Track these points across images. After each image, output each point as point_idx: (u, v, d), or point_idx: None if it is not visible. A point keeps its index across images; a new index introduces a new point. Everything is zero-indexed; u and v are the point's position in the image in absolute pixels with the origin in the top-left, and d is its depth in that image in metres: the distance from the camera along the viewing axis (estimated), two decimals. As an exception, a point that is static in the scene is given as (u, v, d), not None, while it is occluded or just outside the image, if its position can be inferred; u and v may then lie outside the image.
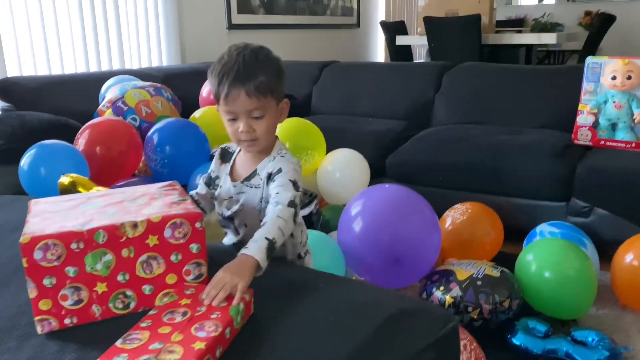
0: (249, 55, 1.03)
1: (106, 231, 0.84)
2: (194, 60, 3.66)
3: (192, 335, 0.75)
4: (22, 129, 2.06)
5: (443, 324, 0.92)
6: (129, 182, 2.01)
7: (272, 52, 1.10)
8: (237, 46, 1.06)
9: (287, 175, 1.05)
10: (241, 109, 1.03)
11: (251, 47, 1.06)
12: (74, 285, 0.84)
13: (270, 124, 1.07)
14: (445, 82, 3.04)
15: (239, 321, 0.82)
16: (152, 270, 0.89)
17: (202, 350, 0.71)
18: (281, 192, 1.02)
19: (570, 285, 1.65)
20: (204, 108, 2.46)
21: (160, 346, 0.73)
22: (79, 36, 2.99)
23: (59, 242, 0.82)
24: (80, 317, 0.86)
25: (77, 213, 0.92)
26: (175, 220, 0.88)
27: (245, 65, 1.01)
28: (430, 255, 1.77)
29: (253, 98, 1.02)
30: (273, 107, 1.07)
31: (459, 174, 2.38)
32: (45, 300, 0.83)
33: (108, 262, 0.85)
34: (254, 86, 1.01)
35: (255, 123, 1.04)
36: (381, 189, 1.88)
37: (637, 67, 2.26)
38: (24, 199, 1.53)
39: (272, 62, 1.07)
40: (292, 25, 4.54)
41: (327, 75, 3.43)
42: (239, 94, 1.01)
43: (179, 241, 0.89)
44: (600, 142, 2.34)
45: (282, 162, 1.07)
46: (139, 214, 0.89)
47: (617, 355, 1.48)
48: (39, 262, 0.81)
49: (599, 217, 2.14)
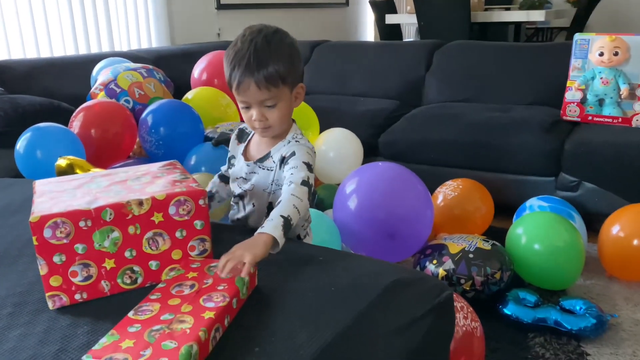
0: (260, 44, 1.01)
1: (113, 209, 0.86)
2: (184, 41, 3.64)
3: (201, 305, 0.78)
4: (15, 113, 2.06)
5: (439, 291, 0.96)
6: (125, 163, 2.02)
7: (287, 36, 1.07)
8: (251, 31, 1.04)
9: (300, 157, 1.06)
10: (252, 99, 1.03)
11: (264, 33, 1.03)
12: (83, 262, 0.87)
13: (284, 112, 1.06)
14: (436, 61, 3.06)
15: (244, 292, 0.85)
16: (158, 246, 0.91)
17: (212, 319, 0.75)
18: (295, 173, 1.03)
19: (558, 256, 1.71)
20: (196, 89, 2.46)
21: (172, 317, 0.76)
22: (67, 18, 2.96)
23: (68, 220, 0.84)
24: (90, 292, 0.89)
25: (82, 192, 0.94)
26: (180, 197, 0.90)
27: (256, 55, 1.00)
28: (424, 231, 1.82)
29: (263, 89, 1.01)
30: (286, 94, 1.06)
31: (450, 151, 2.42)
32: (56, 277, 0.86)
33: (115, 239, 0.88)
34: (264, 77, 1.00)
35: (267, 111, 1.05)
36: (374, 167, 1.91)
37: (624, 43, 2.30)
38: (21, 182, 1.55)
39: (285, 48, 1.04)
40: (282, 5, 4.51)
41: (318, 55, 3.43)
42: (249, 85, 1.01)
43: (183, 218, 0.91)
44: (588, 117, 2.38)
45: (296, 146, 1.08)
46: (143, 192, 0.91)
47: (604, 322, 1.54)
48: (48, 240, 0.83)
49: (586, 191, 2.19)
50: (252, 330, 0.80)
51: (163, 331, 0.72)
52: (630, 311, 1.68)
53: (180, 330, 0.72)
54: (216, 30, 3.90)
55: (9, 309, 0.87)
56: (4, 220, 1.22)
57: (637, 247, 1.77)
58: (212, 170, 1.95)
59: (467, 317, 1.25)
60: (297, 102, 1.10)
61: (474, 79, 2.89)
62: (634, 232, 1.79)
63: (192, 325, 0.73)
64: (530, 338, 1.54)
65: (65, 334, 0.81)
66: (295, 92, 1.09)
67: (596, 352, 1.48)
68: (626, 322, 1.61)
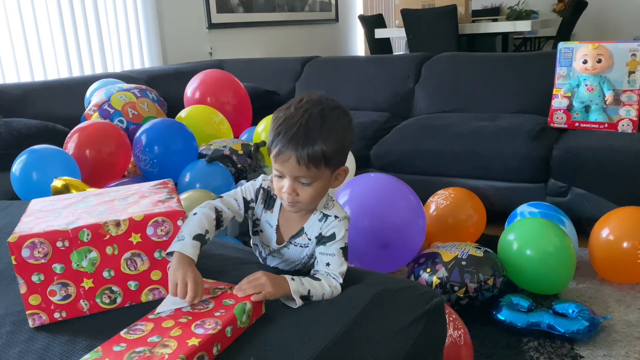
0: (314, 119, 0.92)
1: (90, 230, 0.88)
2: (176, 60, 3.68)
3: (190, 331, 0.77)
4: (11, 136, 2.08)
5: (428, 299, 0.98)
6: (120, 182, 2.04)
7: (345, 115, 0.97)
8: (309, 99, 0.95)
9: (339, 242, 0.99)
10: (289, 173, 0.94)
11: (322, 107, 0.94)
12: (62, 282, 0.88)
13: (318, 191, 0.97)
14: (425, 73, 3.11)
15: (243, 320, 0.83)
16: (137, 266, 0.92)
17: (195, 347, 0.73)
18: (332, 263, 0.98)
19: (550, 261, 1.73)
20: (189, 107, 2.49)
21: (159, 339, 0.76)
22: (60, 41, 3.00)
23: (45, 240, 0.85)
24: (68, 311, 0.90)
25: (68, 212, 0.95)
26: (157, 218, 0.91)
27: (306, 129, 0.91)
28: (417, 240, 1.84)
29: (303, 166, 0.91)
30: (326, 175, 0.96)
31: (441, 160, 2.45)
32: (35, 296, 0.87)
33: (93, 259, 0.89)
34: (307, 155, 0.90)
35: (300, 188, 0.95)
36: (367, 179, 1.94)
37: (607, 51, 2.35)
38: (17, 203, 1.57)
39: (338, 129, 0.94)
40: (272, 23, 4.57)
41: (308, 71, 3.48)
42: (289, 158, 0.91)
43: (161, 238, 0.92)
44: (574, 124, 2.43)
45: (336, 227, 1.00)
46: (123, 213, 0.92)
47: (596, 325, 1.56)
48: (27, 260, 0.85)
49: (576, 196, 2.22)
50: (246, 340, 0.82)
51: (144, 354, 0.73)
52: (622, 313, 1.70)
53: (160, 355, 0.72)
54: (208, 49, 3.95)
55: (8, 327, 0.89)
56: (1, 240, 1.24)
57: (627, 250, 1.80)
58: (206, 186, 1.98)
59: (449, 326, 1.26)
60: (336, 183, 1.00)
61: (462, 89, 2.94)
62: (624, 235, 1.82)
63: (172, 352, 0.72)
64: (525, 342, 1.56)
65: (64, 349, 0.82)
66: (337, 174, 0.99)
67: (589, 354, 1.50)
68: (618, 324, 1.64)
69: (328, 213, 1.01)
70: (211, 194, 1.86)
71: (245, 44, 4.31)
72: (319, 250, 1.00)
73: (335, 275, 0.97)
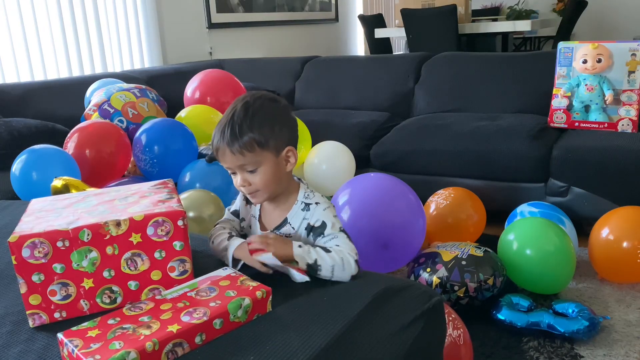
0: (238, 112, 1.01)
1: (90, 230, 0.87)
2: (176, 60, 3.68)
3: (178, 317, 0.79)
4: (10, 136, 2.08)
5: (428, 298, 0.98)
6: (120, 182, 2.04)
7: (273, 100, 1.05)
8: (239, 98, 1.05)
9: (335, 226, 1.04)
10: (231, 165, 1.02)
11: (245, 100, 1.03)
12: (62, 281, 0.88)
13: (268, 176, 1.02)
14: (425, 72, 3.11)
15: (239, 315, 0.83)
16: (137, 266, 0.92)
17: (172, 334, 0.75)
18: (341, 243, 1.02)
19: (550, 261, 1.73)
20: (189, 107, 2.49)
21: (148, 320, 0.78)
22: (60, 41, 3.00)
23: (45, 240, 0.85)
24: (69, 311, 0.90)
25: (68, 212, 0.95)
26: (158, 218, 0.90)
27: (232, 122, 1.00)
28: (417, 240, 1.84)
29: (238, 155, 1.00)
30: (269, 158, 1.02)
31: (441, 160, 2.45)
32: (35, 296, 0.87)
33: (93, 259, 0.89)
34: (238, 145, 0.99)
35: (250, 176, 1.02)
36: (367, 178, 1.94)
37: (606, 51, 2.35)
38: (17, 203, 1.57)
39: (264, 114, 1.01)
40: (272, 22, 4.57)
41: (309, 70, 3.48)
42: (225, 151, 1.01)
43: (161, 239, 0.91)
44: (574, 124, 2.43)
45: (322, 215, 1.05)
46: (124, 213, 0.92)
47: (596, 324, 1.56)
48: (27, 260, 0.85)
49: (575, 196, 2.23)
50: (246, 340, 0.82)
51: (126, 331, 0.75)
52: (622, 312, 1.70)
53: (138, 334, 0.75)
54: (208, 49, 3.95)
55: (9, 327, 0.89)
56: (1, 240, 1.24)
57: (626, 250, 1.80)
58: (206, 186, 1.98)
59: (448, 326, 1.26)
60: (288, 165, 1.05)
61: (462, 89, 2.94)
62: (623, 234, 1.82)
63: (150, 334, 0.75)
64: (525, 342, 1.56)
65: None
66: (285, 156, 1.04)
67: (589, 354, 1.50)
68: (618, 324, 1.64)
69: (309, 202, 1.07)
70: (211, 194, 1.86)
71: (245, 43, 4.31)
72: (322, 241, 1.04)
73: (349, 252, 1.00)
